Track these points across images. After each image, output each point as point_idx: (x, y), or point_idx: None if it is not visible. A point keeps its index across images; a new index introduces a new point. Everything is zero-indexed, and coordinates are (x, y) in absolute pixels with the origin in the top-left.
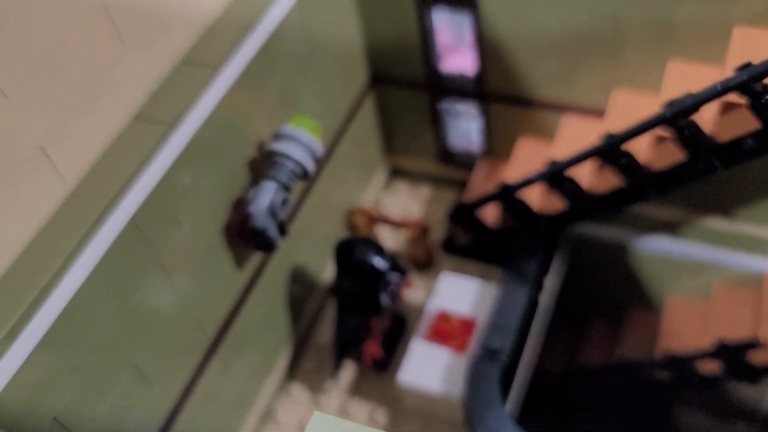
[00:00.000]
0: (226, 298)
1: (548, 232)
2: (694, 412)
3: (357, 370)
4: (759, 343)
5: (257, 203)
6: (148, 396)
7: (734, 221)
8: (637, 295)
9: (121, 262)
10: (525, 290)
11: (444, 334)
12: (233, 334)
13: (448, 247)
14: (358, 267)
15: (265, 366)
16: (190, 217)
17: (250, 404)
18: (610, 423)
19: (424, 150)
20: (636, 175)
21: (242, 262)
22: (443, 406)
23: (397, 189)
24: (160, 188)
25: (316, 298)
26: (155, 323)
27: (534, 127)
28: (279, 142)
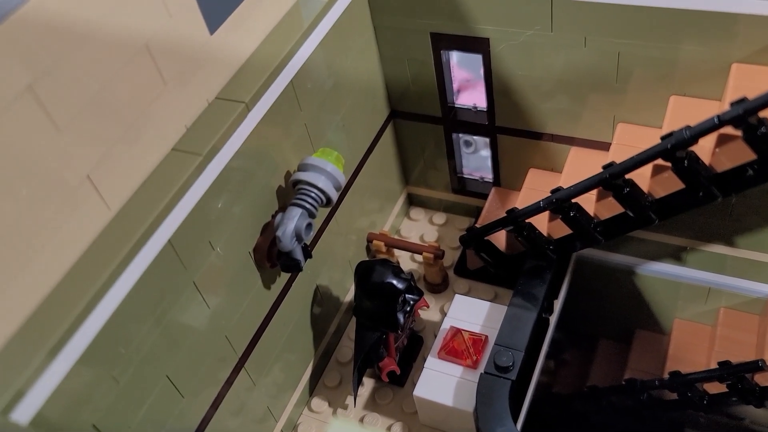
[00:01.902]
0: (254, 317)
1: (557, 256)
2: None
3: (375, 386)
4: (763, 366)
5: (284, 227)
6: (179, 407)
7: (737, 249)
8: (644, 319)
9: (157, 282)
10: (534, 312)
11: (457, 352)
12: (260, 351)
13: (461, 271)
14: (377, 287)
15: (289, 381)
16: (221, 240)
17: (275, 417)
18: None
19: (440, 180)
20: (638, 203)
21: (269, 283)
22: (456, 421)
23: (414, 216)
24: (195, 214)
25: (337, 318)
26: (188, 339)
27: (544, 159)
28: (304, 172)
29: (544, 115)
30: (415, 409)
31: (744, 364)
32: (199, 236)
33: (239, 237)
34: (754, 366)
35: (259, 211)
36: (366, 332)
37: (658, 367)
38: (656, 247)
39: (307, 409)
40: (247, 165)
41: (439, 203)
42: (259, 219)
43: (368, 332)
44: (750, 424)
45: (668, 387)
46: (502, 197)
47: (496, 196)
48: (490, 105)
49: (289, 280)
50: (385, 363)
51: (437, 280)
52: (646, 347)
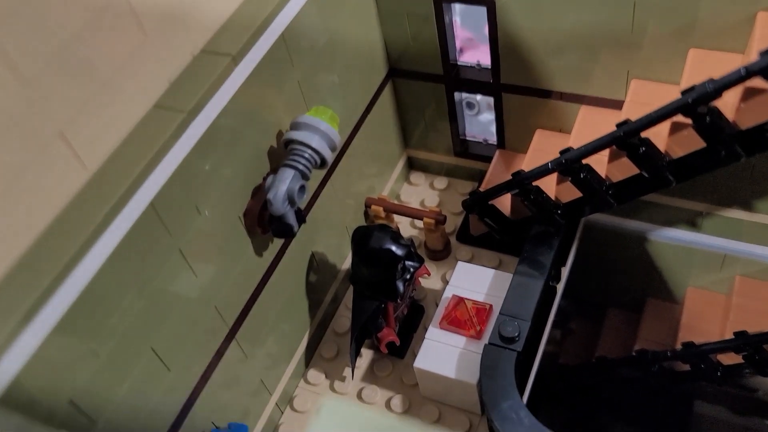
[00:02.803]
0: (245, 286)
1: (565, 221)
2: (710, 404)
3: (374, 358)
4: None
5: (275, 190)
6: (166, 381)
7: (756, 213)
8: (656, 287)
9: (140, 247)
10: (541, 280)
11: (460, 322)
12: (252, 322)
13: (464, 237)
14: (375, 254)
15: (283, 353)
16: (208, 204)
17: (269, 390)
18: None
19: (441, 142)
20: (655, 164)
21: (261, 250)
22: (459, 394)
23: (414, 180)
24: (179, 174)
25: (334, 287)
26: (174, 309)
27: (551, 119)
28: (297, 131)
29: (553, 71)
30: (415, 381)
31: (762, 335)
32: (184, 199)
33: (228, 201)
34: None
35: (249, 174)
36: (364, 301)
37: (670, 338)
38: (670, 212)
39: (303, 381)
40: (235, 124)
41: (440, 167)
42: (250, 182)
43: (366, 301)
44: (763, 396)
45: (681, 358)
46: (507, 160)
47: (501, 159)
48: (494, 62)
49: (282, 247)
50: (384, 333)
51: (439, 246)
52: (658, 317)
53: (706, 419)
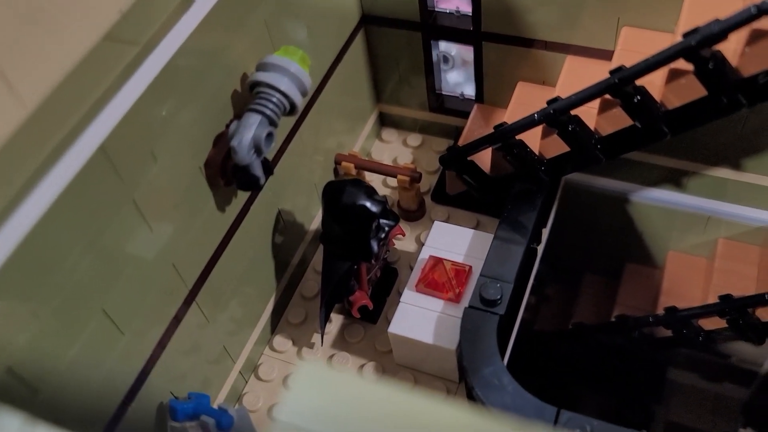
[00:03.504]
0: (206, 244)
1: (549, 179)
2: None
3: (345, 323)
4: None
5: (240, 137)
6: (119, 346)
7: (743, 173)
8: (636, 251)
9: (88, 196)
10: (524, 240)
11: (438, 284)
12: (213, 283)
13: (439, 197)
14: (348, 210)
15: (248, 318)
16: (166, 152)
17: (232, 358)
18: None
19: (415, 97)
20: (650, 114)
21: (224, 204)
22: (436, 360)
23: (386, 137)
24: (133, 116)
25: (302, 247)
26: (128, 266)
27: (535, 71)
28: (264, 73)
29: (537, 18)
30: (389, 347)
31: (749, 298)
32: (138, 144)
33: (188, 148)
34: (759, 299)
35: (210, 120)
36: (335, 262)
37: (650, 303)
38: (654, 172)
39: (269, 348)
40: (195, 64)
41: (414, 123)
42: (212, 128)
43: (337, 262)
44: (737, 362)
45: (664, 323)
46: (486, 115)
47: (479, 114)
48: (475, 8)
49: (246, 202)
50: (357, 297)
51: (413, 206)
52: (637, 282)
53: (679, 386)
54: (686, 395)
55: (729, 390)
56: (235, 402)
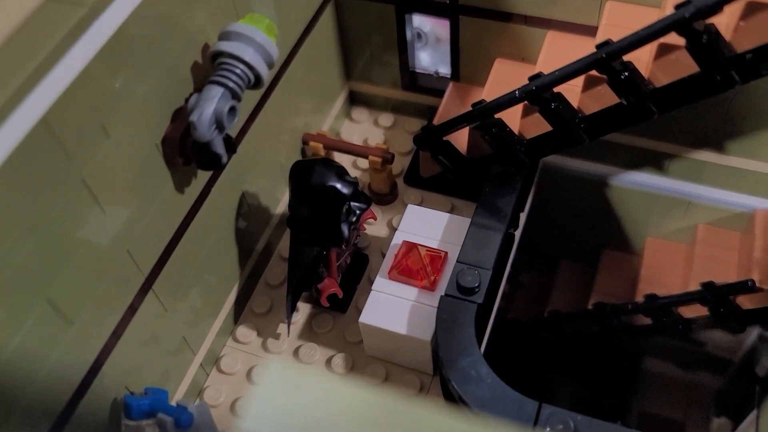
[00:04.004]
0: (164, 228)
1: (529, 160)
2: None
3: (312, 312)
4: (753, 286)
5: (200, 111)
6: (67, 338)
7: (726, 156)
8: (614, 237)
9: (28, 174)
10: (502, 225)
11: (412, 271)
12: (172, 270)
13: (412, 179)
14: (317, 192)
15: (209, 307)
16: (119, 127)
17: (192, 349)
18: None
19: (387, 74)
20: (638, 92)
21: (183, 185)
22: (409, 351)
23: (357, 116)
24: (80, 87)
25: (267, 232)
26: (77, 252)
27: (514, 47)
28: (228, 42)
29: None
30: (359, 338)
31: (731, 285)
32: (87, 118)
33: (143, 124)
34: (742, 287)
35: (169, 93)
36: (302, 248)
37: (628, 291)
38: (634, 154)
39: (232, 339)
40: (151, 32)
41: (386, 102)
42: (170, 102)
43: (305, 248)
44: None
45: (643, 311)
46: (462, 94)
47: (455, 93)
48: None
49: (207, 183)
50: (325, 285)
51: (384, 189)
52: (615, 269)
53: (653, 375)
54: (660, 384)
55: (702, 379)
56: (196, 397)
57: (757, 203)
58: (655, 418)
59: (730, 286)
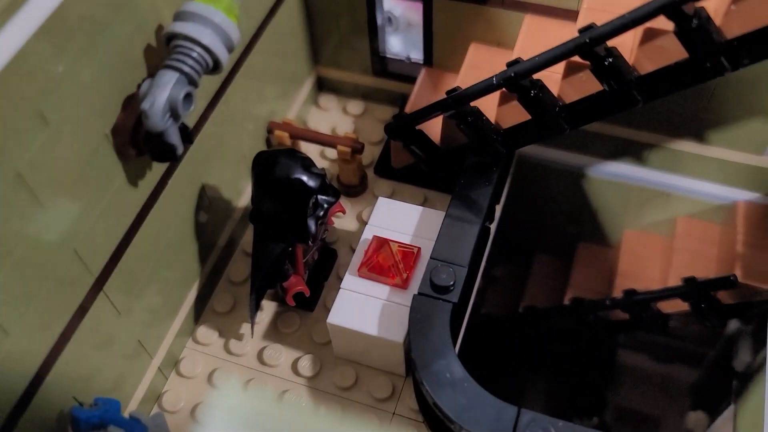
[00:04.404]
0: (116, 224)
1: (506, 150)
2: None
3: (278, 311)
4: (735, 281)
5: (153, 98)
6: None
7: (706, 146)
8: (590, 230)
9: None
10: (478, 219)
11: (383, 268)
12: (126, 269)
13: (383, 170)
14: (281, 185)
15: (167, 307)
16: (61, 115)
17: (149, 353)
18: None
19: (357, 60)
20: (622, 79)
21: (136, 178)
22: (380, 353)
23: (324, 104)
24: (15, 70)
25: (229, 227)
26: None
27: (489, 31)
28: (183, 23)
29: None
30: (328, 338)
31: (713, 281)
32: (23, 104)
33: (90, 112)
34: (724, 282)
35: (119, 78)
36: (266, 244)
37: (605, 285)
38: (611, 144)
39: (192, 340)
40: (97, 11)
41: (355, 89)
42: (120, 89)
43: (269, 244)
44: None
45: (621, 307)
46: (435, 80)
47: (428, 79)
48: None
49: (164, 175)
50: (291, 282)
51: (354, 180)
52: (591, 262)
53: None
54: (636, 378)
55: (678, 372)
56: (154, 403)
57: (738, 195)
58: (631, 413)
59: (711, 282)
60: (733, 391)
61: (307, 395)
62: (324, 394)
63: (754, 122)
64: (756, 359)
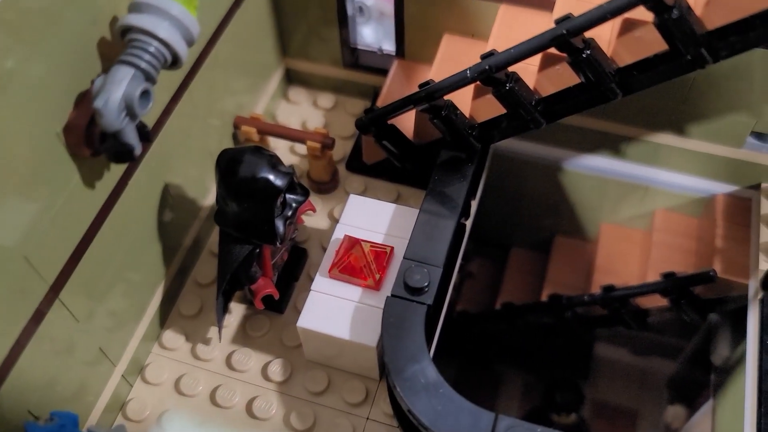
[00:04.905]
0: (72, 228)
1: (481, 145)
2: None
3: (246, 314)
4: (713, 276)
5: (107, 95)
6: None
7: (685, 138)
8: (566, 224)
9: None
10: (453, 216)
11: (354, 269)
12: (85, 272)
13: (355, 166)
14: (247, 185)
15: (131, 311)
16: (9, 112)
17: (111, 360)
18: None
19: (328, 51)
20: (601, 72)
21: (93, 179)
22: (353, 357)
23: (294, 97)
24: None
25: (195, 227)
26: None
27: (463, 22)
28: (138, 15)
29: None
30: (298, 342)
31: (692, 276)
32: None
33: (38, 109)
34: (703, 277)
35: (71, 74)
36: (233, 246)
37: (582, 280)
38: (588, 137)
39: (158, 345)
40: (48, 4)
41: (325, 81)
42: (73, 85)
43: (236, 245)
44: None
45: (600, 303)
46: (408, 72)
47: (400, 71)
48: None
49: (124, 175)
50: (259, 285)
51: (325, 177)
52: (568, 257)
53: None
54: (615, 373)
55: (656, 365)
56: (117, 412)
57: (716, 188)
58: (610, 408)
59: (690, 277)
60: (712, 385)
61: (278, 401)
62: (295, 400)
63: (733, 114)
64: (734, 353)
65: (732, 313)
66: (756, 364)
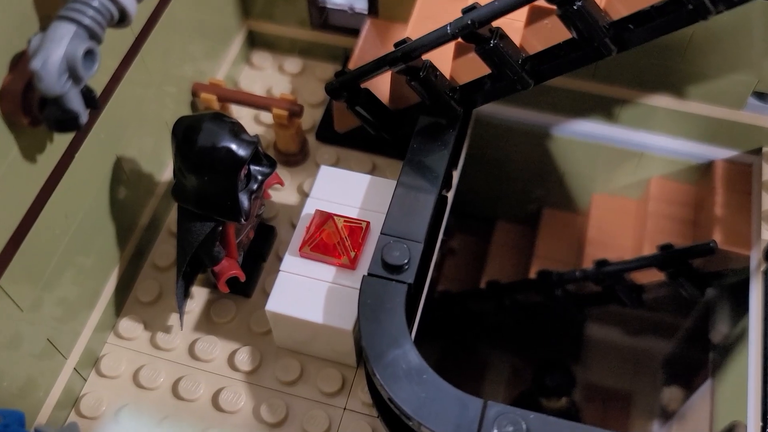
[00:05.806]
0: (10, 208)
1: (463, 109)
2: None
3: (210, 298)
4: (714, 248)
5: (44, 56)
6: None
7: (683, 100)
8: (555, 195)
9: None
10: (434, 187)
11: (327, 246)
12: (27, 259)
13: (325, 135)
14: (207, 155)
15: (83, 298)
16: None
17: (61, 353)
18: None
19: (294, 11)
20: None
21: (34, 151)
22: (327, 342)
23: (258, 62)
24: None
25: (151, 205)
26: None
27: None
28: None
29: None
30: (268, 327)
31: (691, 248)
32: None
33: None
34: (703, 249)
35: (3, 33)
36: (193, 223)
37: (573, 254)
38: (577, 100)
39: (114, 335)
40: None
41: (292, 44)
42: (5, 45)
43: (197, 223)
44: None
45: (593, 279)
46: (382, 33)
47: (374, 31)
48: None
49: (70, 147)
50: (223, 267)
51: (293, 148)
52: (557, 230)
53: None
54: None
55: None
56: (70, 409)
57: (715, 153)
58: (603, 391)
59: (689, 249)
60: (711, 364)
61: (246, 392)
62: (265, 390)
63: (734, 74)
64: (734, 330)
65: (732, 287)
66: (760, 341)
